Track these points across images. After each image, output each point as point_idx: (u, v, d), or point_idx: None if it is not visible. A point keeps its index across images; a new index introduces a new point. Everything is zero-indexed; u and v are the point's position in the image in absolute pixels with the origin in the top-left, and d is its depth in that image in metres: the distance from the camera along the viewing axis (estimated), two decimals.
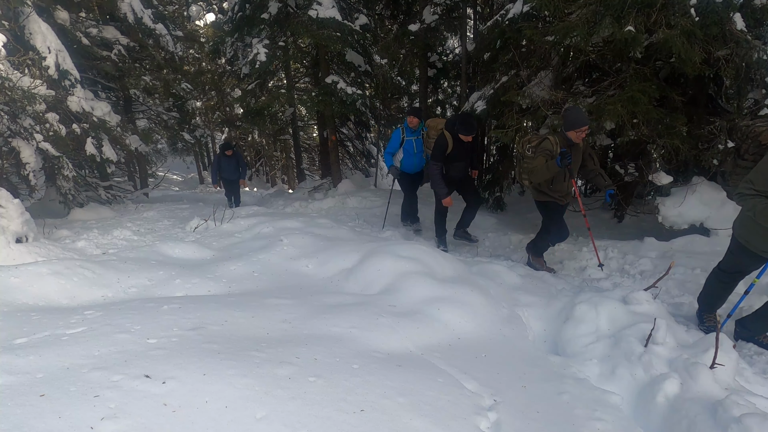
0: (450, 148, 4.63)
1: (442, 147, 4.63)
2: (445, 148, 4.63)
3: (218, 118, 17.99)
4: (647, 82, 4.24)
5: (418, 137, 5.52)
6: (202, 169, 21.57)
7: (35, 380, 1.51)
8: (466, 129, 4.49)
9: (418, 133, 5.52)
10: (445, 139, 4.62)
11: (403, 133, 5.53)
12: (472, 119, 4.61)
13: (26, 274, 2.68)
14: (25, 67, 5.68)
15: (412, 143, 5.53)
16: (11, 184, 6.01)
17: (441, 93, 11.22)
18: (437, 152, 4.66)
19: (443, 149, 4.63)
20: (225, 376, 1.65)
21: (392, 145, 5.65)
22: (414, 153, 5.55)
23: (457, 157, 4.73)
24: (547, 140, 3.83)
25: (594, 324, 2.59)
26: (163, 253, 3.75)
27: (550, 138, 3.83)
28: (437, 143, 4.66)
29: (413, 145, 5.54)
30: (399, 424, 1.57)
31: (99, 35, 8.34)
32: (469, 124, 4.49)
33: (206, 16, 19.11)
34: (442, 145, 4.63)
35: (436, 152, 4.67)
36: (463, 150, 4.70)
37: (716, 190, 4.37)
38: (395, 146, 5.61)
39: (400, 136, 5.55)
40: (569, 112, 3.80)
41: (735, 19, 3.71)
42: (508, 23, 5.17)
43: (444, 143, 4.62)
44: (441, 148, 4.63)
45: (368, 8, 9.17)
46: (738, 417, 1.66)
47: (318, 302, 2.72)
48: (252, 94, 9.94)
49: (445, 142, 4.62)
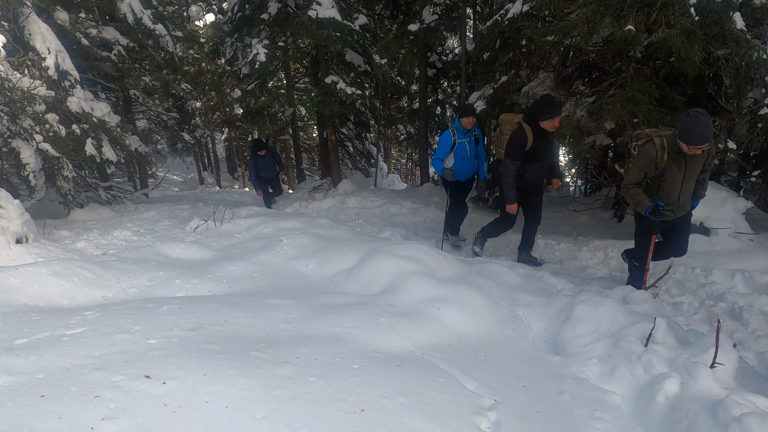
0: (529, 144, 3.95)
1: (521, 143, 3.95)
2: (523, 145, 3.95)
3: (218, 119, 17.99)
4: (647, 81, 4.24)
5: (471, 139, 4.92)
6: (201, 169, 21.57)
7: (35, 381, 1.51)
8: (550, 110, 3.76)
9: (471, 134, 4.92)
10: (524, 133, 3.93)
11: (454, 135, 4.89)
12: (553, 99, 3.90)
13: (26, 274, 2.68)
14: (24, 68, 5.68)
15: (465, 146, 4.89)
16: (11, 185, 6.01)
17: (441, 93, 11.22)
18: (514, 149, 3.99)
19: (521, 145, 3.95)
20: (225, 377, 1.65)
21: (442, 149, 4.95)
22: (467, 157, 4.93)
23: (538, 156, 4.03)
24: (652, 143, 3.18)
25: (594, 323, 2.59)
26: (163, 254, 3.75)
27: (656, 141, 3.16)
28: (513, 138, 3.99)
29: (466, 148, 4.91)
30: (399, 424, 1.57)
31: (98, 36, 8.34)
32: (552, 105, 3.79)
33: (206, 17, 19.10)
34: (520, 141, 3.95)
35: (512, 149, 4.00)
36: (544, 147, 4.03)
37: (716, 189, 4.37)
38: (446, 150, 4.92)
39: (451, 138, 4.88)
40: (690, 124, 2.94)
41: (735, 19, 3.71)
42: (507, 23, 5.17)
43: (522, 138, 3.94)
44: (519, 144, 3.96)
45: (368, 8, 9.17)
46: (738, 416, 1.66)
47: (318, 302, 2.72)
48: (252, 95, 9.95)
49: (524, 137, 3.93)
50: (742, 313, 3.08)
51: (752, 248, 4.05)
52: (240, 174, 22.17)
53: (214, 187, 19.19)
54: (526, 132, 3.93)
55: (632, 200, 3.29)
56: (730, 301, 3.32)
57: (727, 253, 3.98)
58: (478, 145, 5.00)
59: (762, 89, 4.32)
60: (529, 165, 4.06)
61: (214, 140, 20.90)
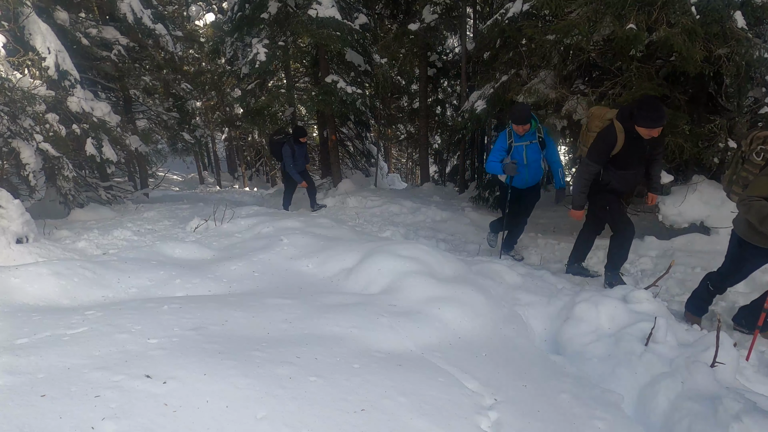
0: (619, 147, 3.32)
1: (607, 144, 3.33)
2: (610, 146, 3.33)
3: (218, 118, 17.99)
4: (650, 82, 4.24)
5: (534, 141, 4.21)
6: (202, 169, 21.58)
7: (36, 380, 1.51)
8: (651, 118, 3.10)
9: (534, 136, 4.21)
10: (614, 133, 3.30)
11: (509, 136, 4.26)
12: (660, 104, 3.20)
13: (27, 274, 2.68)
14: (24, 68, 5.69)
15: (523, 151, 4.24)
16: (11, 185, 6.01)
17: (441, 92, 11.24)
18: (597, 150, 3.40)
19: (608, 147, 3.34)
20: (226, 376, 1.65)
21: (497, 152, 4.31)
22: (525, 164, 4.27)
23: (628, 162, 3.39)
24: None
25: (594, 323, 2.59)
26: (163, 254, 3.75)
27: None
28: (600, 137, 3.39)
29: (524, 153, 4.24)
30: (400, 424, 1.57)
31: (99, 35, 8.34)
32: (657, 112, 3.10)
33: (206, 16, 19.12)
34: (607, 142, 3.33)
35: (595, 150, 3.42)
36: (636, 153, 3.36)
37: (716, 188, 4.37)
38: (501, 153, 4.29)
39: (506, 140, 4.27)
40: None
41: (736, 17, 3.71)
42: (508, 22, 5.17)
43: (610, 139, 3.32)
44: (605, 146, 3.35)
45: (368, 7, 9.18)
46: (739, 415, 1.66)
47: (318, 302, 2.72)
48: (252, 94, 9.95)
49: (613, 138, 3.31)
50: None
51: None
52: (240, 174, 22.18)
53: (215, 187, 19.21)
54: (617, 132, 3.28)
55: (757, 216, 2.53)
56: (730, 301, 3.32)
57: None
58: (545, 149, 4.30)
59: (762, 88, 4.32)
60: (618, 172, 3.43)
61: (214, 140, 20.90)
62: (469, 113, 6.09)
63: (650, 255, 4.25)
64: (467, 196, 8.54)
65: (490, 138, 9.32)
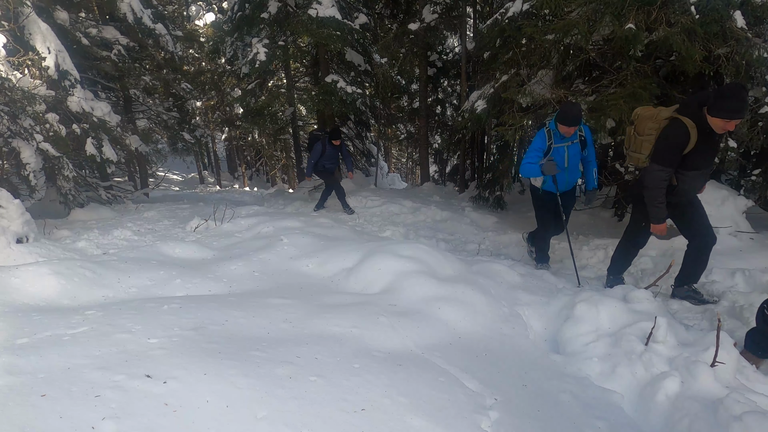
0: (691, 145, 2.88)
1: (680, 142, 2.89)
2: (683, 145, 2.89)
3: (218, 118, 18.00)
4: (648, 80, 4.24)
5: (575, 141, 3.83)
6: (202, 168, 21.60)
7: (36, 380, 1.51)
8: (732, 109, 2.70)
9: (575, 135, 3.81)
10: (685, 130, 2.86)
11: (549, 137, 3.79)
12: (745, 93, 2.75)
13: (27, 274, 2.69)
14: (24, 68, 5.69)
15: (564, 152, 3.82)
16: (12, 185, 6.01)
17: (441, 92, 11.24)
18: (670, 151, 2.95)
19: (681, 146, 2.90)
20: (226, 376, 1.65)
21: (534, 153, 3.85)
22: (566, 166, 3.86)
23: (701, 161, 2.98)
24: None
25: (594, 323, 2.59)
26: (163, 253, 3.75)
27: None
28: (670, 136, 2.94)
29: (566, 155, 3.83)
30: (400, 423, 1.57)
31: (99, 35, 8.34)
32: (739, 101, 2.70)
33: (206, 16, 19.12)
34: (680, 140, 2.88)
35: (666, 151, 2.97)
36: (710, 150, 2.99)
37: (716, 188, 4.36)
38: (538, 155, 3.83)
39: (545, 141, 3.80)
40: None
41: (735, 17, 3.71)
42: (507, 22, 5.17)
43: (683, 136, 2.87)
44: (678, 144, 2.90)
45: (368, 7, 9.18)
46: (739, 415, 1.66)
47: (318, 302, 2.72)
48: (252, 94, 9.95)
49: (685, 135, 2.86)
50: (743, 311, 3.07)
51: (753, 247, 4.04)
52: (240, 173, 22.19)
53: (215, 187, 19.22)
54: (689, 129, 2.85)
55: None
56: (730, 300, 3.31)
57: (727, 252, 3.97)
58: (585, 149, 3.93)
59: (762, 88, 4.31)
60: (688, 173, 3.01)
61: (214, 140, 20.91)
62: (469, 113, 6.09)
63: (650, 254, 4.25)
64: (467, 195, 8.53)
65: (490, 138, 9.31)
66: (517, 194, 8.42)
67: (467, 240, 5.61)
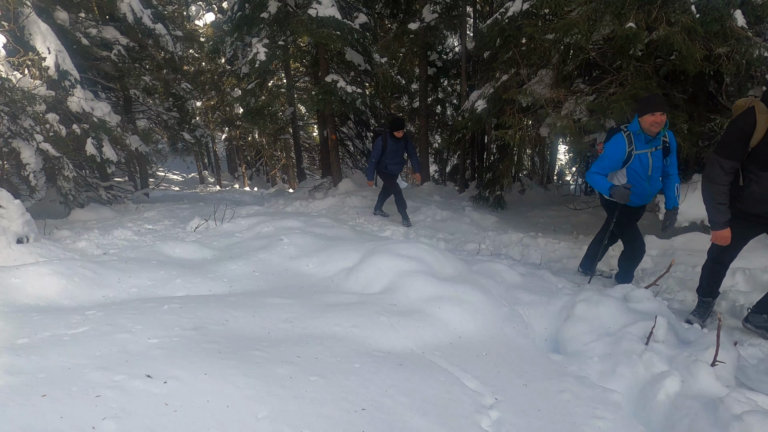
0: (760, 136, 2.44)
1: (741, 130, 2.48)
2: (744, 134, 2.47)
3: (218, 118, 18.00)
4: (648, 79, 4.24)
5: (659, 148, 3.19)
6: (202, 168, 21.59)
7: (37, 380, 1.51)
8: None
9: (659, 141, 3.18)
10: (752, 118, 2.43)
11: (630, 143, 3.17)
12: None
13: (27, 274, 2.69)
14: (25, 68, 5.69)
15: (648, 159, 3.20)
16: (12, 185, 6.01)
17: (441, 92, 11.24)
18: (729, 141, 2.53)
19: (742, 135, 2.48)
20: (226, 376, 1.65)
21: (608, 161, 3.26)
22: (648, 176, 3.26)
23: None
24: None
25: (595, 322, 2.59)
26: (163, 253, 3.75)
27: None
28: (732, 124, 2.54)
29: (649, 163, 3.21)
30: (400, 423, 1.57)
31: (98, 35, 8.34)
32: None
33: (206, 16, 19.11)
34: (741, 128, 2.48)
35: (725, 141, 2.55)
36: None
37: None
38: (614, 165, 3.27)
39: (625, 147, 3.18)
40: None
41: (735, 16, 3.71)
42: (507, 21, 5.17)
43: (745, 125, 2.46)
44: (738, 133, 2.50)
45: (368, 7, 9.17)
46: (739, 414, 1.66)
47: (319, 301, 2.72)
48: (252, 94, 9.94)
49: (749, 123, 2.45)
50: (743, 311, 3.07)
51: (753, 246, 4.02)
52: (240, 173, 22.19)
53: (215, 187, 19.22)
54: (757, 115, 2.41)
55: None
56: (730, 299, 3.31)
57: None
58: (668, 156, 3.30)
59: (763, 87, 4.31)
60: (762, 174, 2.49)
61: (214, 140, 20.90)
62: (470, 112, 6.09)
63: (650, 254, 4.25)
64: (467, 195, 8.54)
65: (490, 137, 9.31)
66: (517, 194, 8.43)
67: (467, 240, 5.61)
